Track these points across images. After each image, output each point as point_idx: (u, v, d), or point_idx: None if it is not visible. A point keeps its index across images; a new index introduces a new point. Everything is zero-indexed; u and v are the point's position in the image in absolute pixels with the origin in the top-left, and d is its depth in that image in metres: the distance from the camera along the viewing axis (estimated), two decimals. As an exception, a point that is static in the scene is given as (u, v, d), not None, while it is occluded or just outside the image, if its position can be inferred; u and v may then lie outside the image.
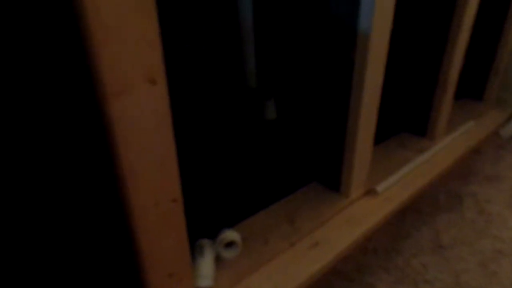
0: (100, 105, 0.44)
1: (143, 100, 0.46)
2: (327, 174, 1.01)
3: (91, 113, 0.45)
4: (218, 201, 0.89)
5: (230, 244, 0.73)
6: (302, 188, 1.01)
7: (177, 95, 0.73)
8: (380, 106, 0.94)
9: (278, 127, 1.03)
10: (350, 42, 0.80)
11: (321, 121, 0.96)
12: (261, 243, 0.81)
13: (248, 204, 0.91)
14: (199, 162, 0.83)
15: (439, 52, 1.15)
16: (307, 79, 0.95)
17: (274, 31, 0.91)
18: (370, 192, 1.00)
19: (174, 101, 0.57)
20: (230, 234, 0.71)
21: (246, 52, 0.96)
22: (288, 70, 0.96)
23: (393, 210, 0.96)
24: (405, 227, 0.94)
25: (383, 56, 0.83)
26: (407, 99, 1.28)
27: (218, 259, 0.74)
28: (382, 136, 1.27)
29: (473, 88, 1.62)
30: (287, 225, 0.86)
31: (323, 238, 0.84)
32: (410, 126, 1.33)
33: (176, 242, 0.59)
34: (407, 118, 1.32)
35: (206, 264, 0.67)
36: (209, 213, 0.86)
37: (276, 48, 0.94)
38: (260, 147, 1.00)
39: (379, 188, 0.99)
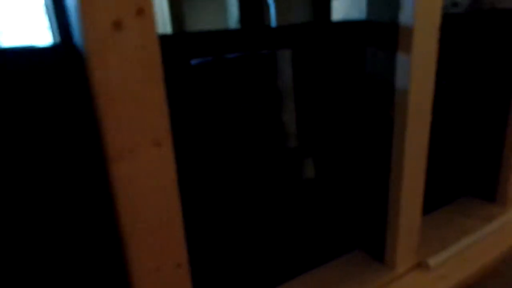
0: (106, 167, 0.45)
1: (147, 162, 0.46)
2: (370, 240, 0.91)
3: (98, 175, 0.46)
4: (244, 268, 0.84)
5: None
6: (341, 256, 0.92)
7: (214, 157, 0.74)
8: (436, 167, 0.85)
9: (316, 187, 0.97)
10: (387, 99, 0.75)
11: (362, 182, 0.89)
12: (288, 317, 0.73)
13: (277, 272, 0.85)
14: (233, 224, 0.81)
15: (506, 103, 1.03)
16: (346, 139, 0.91)
17: (312, 92, 0.90)
18: (421, 265, 0.87)
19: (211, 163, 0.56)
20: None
21: (285, 111, 0.96)
22: (327, 130, 0.93)
23: (449, 290, 0.82)
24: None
25: (426, 114, 0.76)
26: (471, 156, 1.15)
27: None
28: (439, 201, 1.14)
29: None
30: (319, 299, 0.78)
31: (360, 318, 0.74)
32: (475, 188, 1.17)
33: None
34: (471, 179, 1.18)
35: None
36: (233, 281, 0.81)
37: (315, 107, 0.92)
38: (297, 208, 0.95)
39: (432, 261, 0.86)
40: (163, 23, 1.54)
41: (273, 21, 1.04)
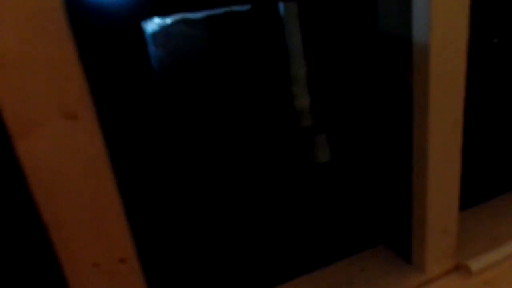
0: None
1: (62, 138, 0.39)
2: (395, 236, 0.76)
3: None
4: (251, 262, 0.74)
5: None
6: (362, 252, 0.78)
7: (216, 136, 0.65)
8: (491, 145, 0.68)
9: (333, 171, 0.84)
10: (404, 60, 0.60)
11: (382, 165, 0.74)
12: (285, 322, 0.63)
13: (286, 268, 0.74)
14: (237, 213, 0.73)
15: None
16: (360, 113, 0.76)
17: (323, 58, 0.77)
18: (459, 268, 0.71)
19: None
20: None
21: (297, 84, 0.84)
22: (340, 103, 0.79)
23: (496, 301, 0.64)
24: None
25: (456, 78, 0.59)
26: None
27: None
28: (494, 189, 0.93)
29: None
30: (325, 303, 0.66)
31: (372, 330, 0.61)
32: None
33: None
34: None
35: None
36: (237, 274, 0.72)
37: (328, 79, 0.79)
38: (312, 195, 0.83)
39: (474, 264, 0.69)
40: None
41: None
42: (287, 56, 0.75)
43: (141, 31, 0.53)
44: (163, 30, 0.56)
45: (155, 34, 0.55)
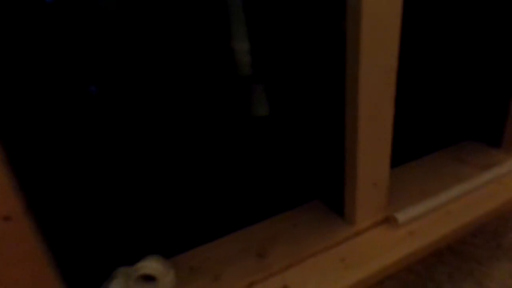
0: None
1: None
2: (329, 191, 0.76)
3: None
4: (179, 218, 0.71)
5: (152, 278, 0.56)
6: (295, 208, 0.78)
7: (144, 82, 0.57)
8: (430, 104, 0.67)
9: (270, 125, 0.81)
10: (339, 8, 0.56)
11: (316, 119, 0.72)
12: (211, 278, 0.62)
13: (217, 224, 0.72)
14: (168, 166, 0.68)
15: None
16: (299, 65, 0.72)
17: (262, 9, 0.71)
18: (387, 221, 0.72)
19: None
20: (147, 265, 0.54)
21: (236, 31, 0.78)
22: (279, 56, 0.75)
23: (419, 250, 0.66)
24: (435, 279, 0.64)
25: (389, 24, 0.56)
26: (473, 92, 0.94)
27: (141, 295, 0.56)
28: (433, 144, 0.95)
29: None
30: (253, 258, 0.65)
31: (297, 281, 0.61)
32: (477, 131, 0.97)
33: (27, 276, 0.43)
34: (473, 120, 0.97)
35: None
36: (165, 231, 0.69)
37: (266, 31, 0.73)
38: (246, 149, 0.80)
39: (401, 216, 0.70)
40: None
41: None
42: (226, 7, 0.69)
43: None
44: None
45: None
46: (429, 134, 0.95)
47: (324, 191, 0.77)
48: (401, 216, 0.70)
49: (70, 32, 0.52)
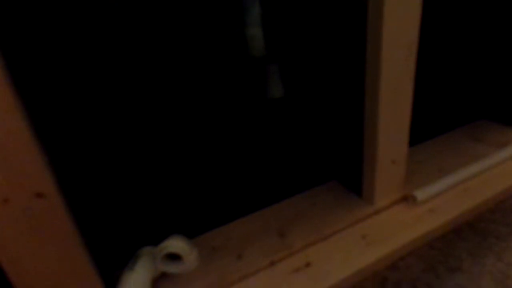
0: None
1: None
2: (346, 171, 0.76)
3: None
4: (201, 199, 0.72)
5: (176, 257, 0.56)
6: (313, 188, 0.78)
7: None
8: (446, 83, 0.66)
9: (286, 107, 0.81)
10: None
11: (334, 97, 0.72)
12: (234, 257, 0.62)
13: (237, 205, 0.72)
14: (182, 149, 0.68)
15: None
16: (315, 42, 0.72)
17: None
18: (406, 199, 0.72)
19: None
20: (172, 244, 0.54)
21: (249, 15, 0.77)
22: (294, 35, 0.74)
23: (439, 227, 0.66)
24: (455, 255, 0.64)
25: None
26: (490, 71, 0.93)
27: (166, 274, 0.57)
28: (448, 123, 0.95)
29: None
30: (275, 237, 0.65)
31: (320, 258, 0.61)
32: (492, 110, 0.97)
33: (58, 254, 0.44)
34: (488, 99, 0.97)
35: (134, 281, 0.51)
36: (186, 213, 0.69)
37: (281, 9, 0.72)
38: (262, 132, 0.80)
39: (420, 194, 0.70)
40: None
41: None
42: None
43: None
44: None
45: None
46: (445, 113, 0.95)
47: (342, 171, 0.77)
48: (420, 194, 0.70)
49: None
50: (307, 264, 0.60)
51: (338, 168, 0.78)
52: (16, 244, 0.41)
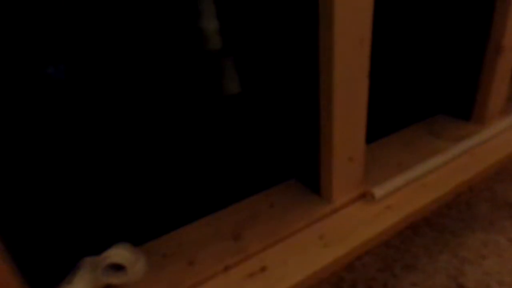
0: None
1: None
2: (304, 169, 0.74)
3: None
4: (154, 200, 0.67)
5: (120, 267, 0.52)
6: (271, 188, 0.76)
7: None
8: (402, 79, 0.65)
9: (242, 103, 0.78)
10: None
11: (290, 95, 0.70)
12: (185, 263, 0.59)
13: (189, 208, 0.69)
14: (129, 147, 0.64)
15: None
16: (270, 37, 0.69)
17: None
18: (364, 196, 0.71)
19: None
20: (115, 253, 0.50)
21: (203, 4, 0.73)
22: (249, 29, 0.71)
23: (396, 224, 0.66)
24: (411, 252, 0.64)
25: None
26: (445, 67, 0.94)
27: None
28: (406, 119, 0.95)
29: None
30: (229, 241, 0.62)
31: (276, 262, 0.59)
32: (449, 105, 0.98)
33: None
34: (445, 94, 0.98)
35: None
36: (134, 218, 0.65)
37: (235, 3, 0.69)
38: (217, 129, 0.77)
39: (378, 191, 0.69)
40: None
41: None
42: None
43: None
44: None
45: None
46: (402, 108, 0.95)
47: (300, 169, 0.75)
48: (378, 191, 0.69)
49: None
50: (263, 268, 0.58)
51: (296, 166, 0.76)
52: None
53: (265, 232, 0.63)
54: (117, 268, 0.52)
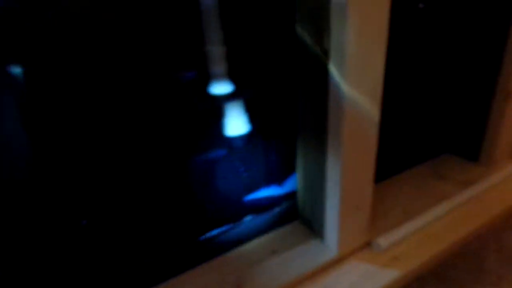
0: None
1: None
2: (309, 211, 0.72)
3: None
4: (143, 246, 0.65)
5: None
6: (275, 230, 0.74)
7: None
8: (408, 117, 0.64)
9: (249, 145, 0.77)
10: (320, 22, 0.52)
11: (294, 139, 0.68)
12: (183, 316, 0.56)
13: (188, 254, 0.67)
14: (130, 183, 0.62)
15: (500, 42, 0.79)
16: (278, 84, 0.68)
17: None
18: (368, 246, 0.69)
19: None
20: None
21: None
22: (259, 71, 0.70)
23: (403, 278, 0.64)
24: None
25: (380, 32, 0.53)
26: (453, 106, 0.93)
27: None
28: (412, 158, 0.94)
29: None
30: (230, 291, 0.60)
31: (278, 318, 0.56)
32: (455, 145, 0.97)
33: None
34: (451, 133, 0.96)
35: None
36: (133, 265, 0.63)
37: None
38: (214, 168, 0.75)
39: (383, 241, 0.67)
40: None
41: None
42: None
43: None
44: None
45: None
46: (408, 148, 0.94)
47: (306, 212, 0.73)
48: (384, 241, 0.67)
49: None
50: (264, 324, 0.55)
51: (301, 208, 0.74)
52: None
53: (267, 283, 0.61)
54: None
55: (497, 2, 0.77)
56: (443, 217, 0.75)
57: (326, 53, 0.53)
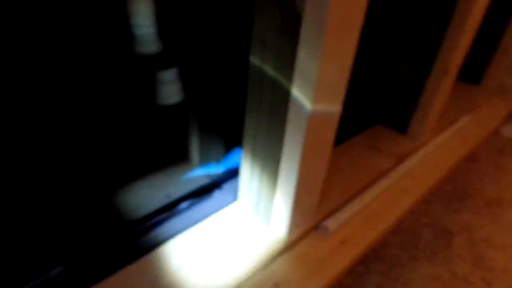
0: None
1: None
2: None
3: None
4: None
5: None
6: (221, 211, 0.65)
7: None
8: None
9: (182, 115, 0.64)
10: None
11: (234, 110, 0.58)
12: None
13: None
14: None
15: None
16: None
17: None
18: (318, 230, 0.65)
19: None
20: None
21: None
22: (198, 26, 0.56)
23: (351, 262, 0.61)
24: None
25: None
26: (388, 76, 0.91)
27: None
28: (349, 129, 0.91)
29: (469, 69, 1.27)
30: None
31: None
32: (387, 116, 0.97)
33: None
34: (383, 105, 0.96)
35: None
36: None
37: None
38: (148, 147, 0.62)
39: (332, 224, 0.64)
40: None
41: None
42: None
43: None
44: None
45: None
46: (345, 118, 0.91)
47: (248, 195, 0.65)
48: (332, 224, 0.63)
49: None
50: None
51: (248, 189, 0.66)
52: None
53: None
54: None
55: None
56: (381, 195, 0.75)
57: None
